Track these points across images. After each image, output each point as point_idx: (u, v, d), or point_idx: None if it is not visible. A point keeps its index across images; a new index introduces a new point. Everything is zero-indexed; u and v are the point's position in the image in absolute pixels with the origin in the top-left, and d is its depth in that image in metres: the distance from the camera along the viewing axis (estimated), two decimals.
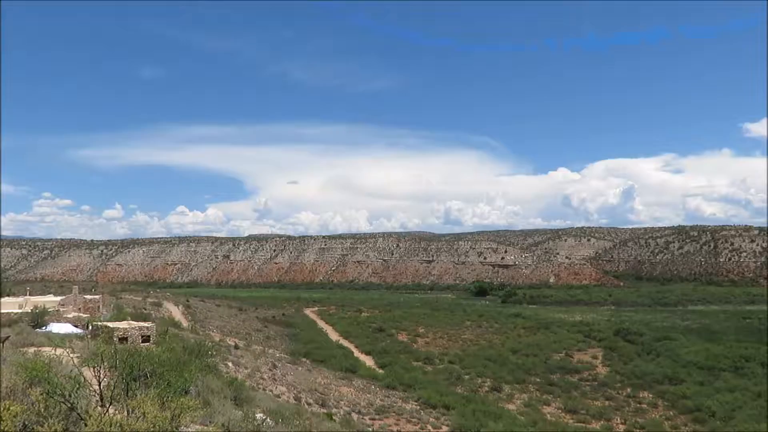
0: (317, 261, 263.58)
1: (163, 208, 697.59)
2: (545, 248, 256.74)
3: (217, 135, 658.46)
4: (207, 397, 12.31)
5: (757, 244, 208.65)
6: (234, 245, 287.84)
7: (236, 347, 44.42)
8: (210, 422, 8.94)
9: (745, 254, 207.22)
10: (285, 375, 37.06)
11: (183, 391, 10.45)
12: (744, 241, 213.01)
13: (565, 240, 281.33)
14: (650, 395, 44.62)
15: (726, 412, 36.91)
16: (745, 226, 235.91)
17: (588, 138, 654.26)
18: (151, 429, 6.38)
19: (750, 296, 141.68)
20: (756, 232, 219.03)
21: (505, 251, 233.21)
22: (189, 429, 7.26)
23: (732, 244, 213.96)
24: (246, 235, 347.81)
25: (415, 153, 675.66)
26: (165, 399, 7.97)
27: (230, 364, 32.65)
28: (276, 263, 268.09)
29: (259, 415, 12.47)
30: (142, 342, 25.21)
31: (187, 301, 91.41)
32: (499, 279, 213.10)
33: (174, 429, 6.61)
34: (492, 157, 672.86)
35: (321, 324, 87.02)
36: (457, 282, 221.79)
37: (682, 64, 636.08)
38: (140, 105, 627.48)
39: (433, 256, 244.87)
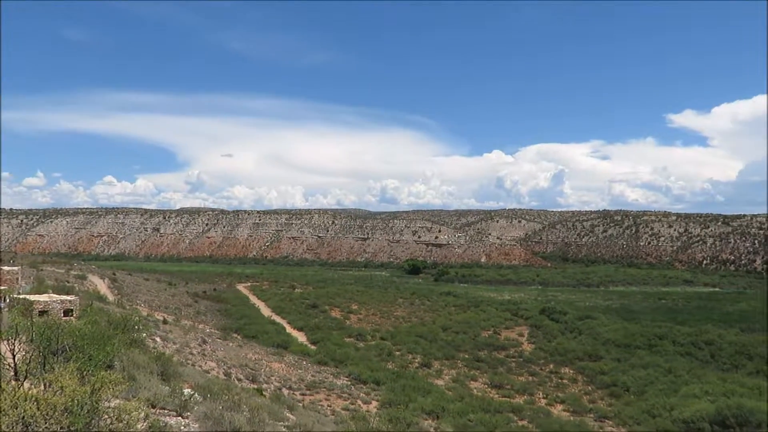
0: (251, 236, 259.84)
1: (89, 178, 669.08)
2: (478, 229, 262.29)
3: (149, 103, 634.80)
4: (132, 371, 11.98)
5: (674, 230, 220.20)
6: (164, 218, 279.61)
7: (165, 322, 43.41)
8: (133, 397, 8.71)
9: (663, 239, 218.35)
10: (215, 350, 36.56)
11: (106, 366, 10.14)
12: (663, 226, 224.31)
13: (497, 221, 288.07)
14: (571, 371, 46.57)
15: (639, 387, 39.02)
16: (664, 212, 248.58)
17: (522, 122, 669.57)
18: (69, 403, 6.15)
19: (666, 278, 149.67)
20: (674, 218, 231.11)
21: (439, 231, 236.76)
22: (110, 404, 7.05)
23: (652, 228, 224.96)
24: (177, 207, 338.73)
25: (353, 130, 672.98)
26: (85, 373, 7.71)
27: (158, 339, 31.90)
28: (208, 237, 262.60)
29: (186, 391, 12.24)
30: (64, 316, 24.26)
31: (114, 274, 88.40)
32: (432, 258, 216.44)
33: (93, 403, 6.40)
34: (429, 138, 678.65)
35: (253, 300, 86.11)
36: (392, 260, 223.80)
37: (612, 56, 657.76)
38: (65, 68, 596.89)
39: (368, 233, 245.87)
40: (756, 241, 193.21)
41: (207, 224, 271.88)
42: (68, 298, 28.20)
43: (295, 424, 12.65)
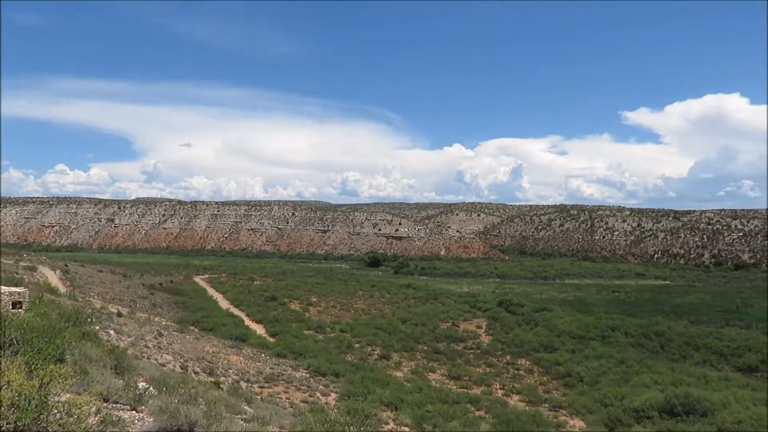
0: (209, 227, 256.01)
1: (40, 166, 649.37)
2: (438, 222, 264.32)
3: (104, 90, 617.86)
4: (84, 365, 11.66)
5: (628, 224, 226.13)
6: (119, 208, 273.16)
7: (119, 315, 42.43)
8: (85, 391, 8.48)
9: (617, 233, 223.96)
10: (171, 343, 35.94)
11: (56, 360, 9.84)
12: (617, 220, 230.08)
13: (457, 214, 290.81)
14: (527, 362, 47.40)
15: (592, 377, 39.99)
16: (618, 206, 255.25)
17: (482, 117, 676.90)
18: (16, 398, 5.95)
19: (619, 272, 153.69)
20: (627, 212, 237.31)
21: (400, 223, 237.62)
22: (60, 398, 6.85)
23: (606, 223, 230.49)
24: (133, 198, 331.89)
25: (314, 122, 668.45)
26: (33, 367, 7.46)
27: (112, 332, 31.16)
28: (165, 228, 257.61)
29: (141, 384, 11.99)
30: (12, 308, 23.45)
31: (66, 265, 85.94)
32: (392, 250, 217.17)
33: (42, 398, 6.20)
34: (391, 130, 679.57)
35: (211, 292, 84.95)
36: (352, 252, 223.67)
37: (570, 53, 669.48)
38: (15, 53, 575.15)
39: (328, 226, 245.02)
40: (705, 236, 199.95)
41: (164, 215, 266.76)
42: (17, 289, 27.19)
43: (253, 416, 12.53)
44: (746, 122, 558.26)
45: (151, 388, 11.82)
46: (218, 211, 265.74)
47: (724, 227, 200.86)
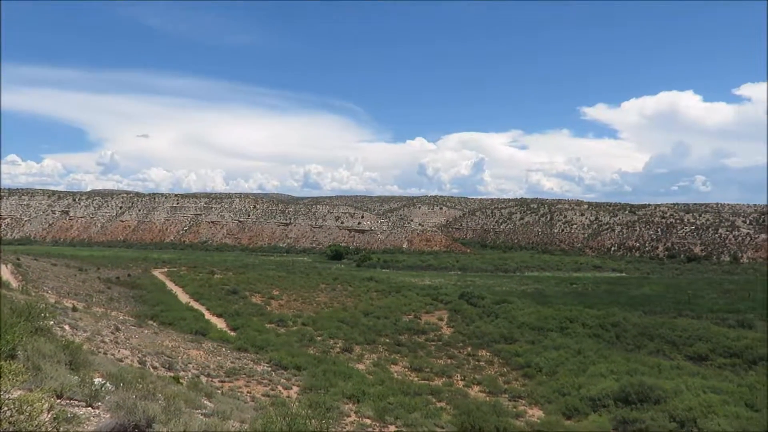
0: (168, 220, 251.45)
1: None
2: (400, 215, 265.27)
3: (58, 79, 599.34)
4: (37, 361, 11.34)
5: (586, 218, 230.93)
6: (74, 200, 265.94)
7: (74, 309, 41.37)
8: (37, 387, 8.26)
9: (575, 226, 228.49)
10: (129, 338, 35.22)
11: (8, 356, 9.55)
12: (575, 214, 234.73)
13: (419, 207, 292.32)
14: (488, 353, 47.99)
15: (551, 368, 40.75)
16: (577, 200, 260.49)
17: (445, 110, 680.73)
18: None
19: (577, 264, 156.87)
20: (585, 206, 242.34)
21: (362, 216, 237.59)
22: (11, 395, 6.65)
23: (565, 216, 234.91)
24: (88, 189, 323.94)
25: (275, 113, 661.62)
26: None
27: (67, 327, 30.37)
28: (122, 221, 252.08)
29: (97, 380, 11.72)
30: None
31: (18, 259, 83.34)
32: (355, 243, 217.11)
33: None
34: (353, 123, 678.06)
35: (170, 285, 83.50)
36: (314, 245, 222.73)
37: (531, 49, 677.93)
38: None
39: (290, 218, 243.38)
40: (659, 230, 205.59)
41: (121, 207, 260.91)
42: None
43: (214, 411, 12.39)
44: (699, 119, 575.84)
45: (108, 384, 11.58)
46: (177, 203, 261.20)
47: (678, 221, 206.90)
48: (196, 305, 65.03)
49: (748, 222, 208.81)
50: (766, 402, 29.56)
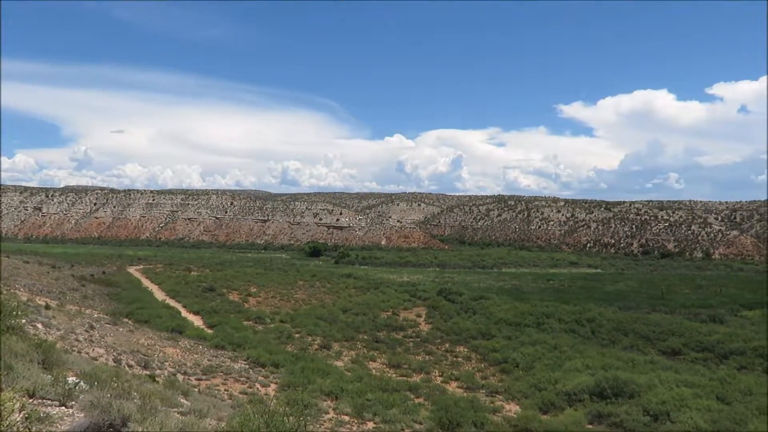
0: (144, 217, 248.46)
1: None
2: (378, 211, 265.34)
3: (31, 73, 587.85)
4: (9, 360, 11.14)
5: (562, 214, 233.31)
6: (47, 196, 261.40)
7: (47, 307, 40.69)
8: (9, 387, 8.11)
9: (552, 223, 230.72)
10: (104, 336, 34.76)
11: None
12: (552, 211, 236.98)
13: (398, 204, 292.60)
14: (465, 349, 48.27)
15: (528, 363, 41.13)
16: (554, 197, 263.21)
17: (423, 107, 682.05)
18: None
19: (554, 260, 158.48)
20: (562, 203, 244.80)
21: (341, 213, 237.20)
22: None
23: (542, 213, 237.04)
24: (62, 186, 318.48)
25: (253, 109, 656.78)
26: None
27: (39, 325, 29.86)
28: (97, 218, 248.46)
29: (71, 379, 11.56)
30: None
31: None
32: (333, 240, 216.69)
33: None
34: (332, 120, 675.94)
35: (146, 283, 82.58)
36: (292, 242, 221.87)
37: (509, 47, 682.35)
38: None
39: (268, 215, 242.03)
40: (633, 226, 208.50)
41: (95, 204, 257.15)
42: None
43: (190, 409, 12.30)
44: (673, 118, 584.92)
45: (82, 383, 11.42)
46: (153, 200, 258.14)
47: (652, 218, 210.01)
48: (172, 303, 64.41)
49: (720, 219, 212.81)
50: (736, 395, 30.22)
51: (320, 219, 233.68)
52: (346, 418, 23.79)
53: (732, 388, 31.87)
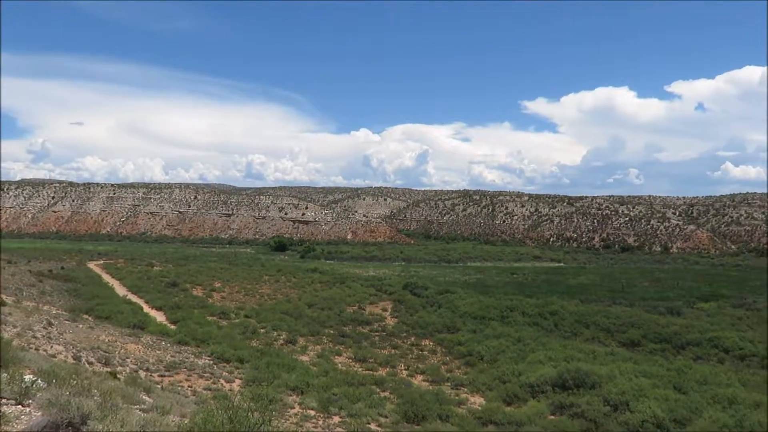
0: (104, 211, 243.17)
1: None
2: (344, 206, 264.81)
3: None
4: None
5: (526, 209, 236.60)
6: (3, 190, 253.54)
7: (3, 304, 39.53)
8: None
9: (516, 217, 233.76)
10: (63, 333, 33.95)
11: None
12: (516, 205, 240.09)
13: (364, 199, 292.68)
14: (431, 343, 48.58)
15: (492, 356, 41.61)
16: (518, 192, 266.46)
17: (389, 102, 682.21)
18: None
19: (518, 254, 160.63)
20: (526, 198, 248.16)
21: (306, 207, 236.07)
22: None
23: (506, 208, 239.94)
24: (18, 179, 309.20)
25: (217, 102, 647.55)
26: None
27: None
28: (55, 212, 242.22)
29: (28, 377, 11.29)
30: None
31: None
32: (299, 235, 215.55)
33: None
34: (297, 113, 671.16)
35: (107, 278, 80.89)
36: (257, 237, 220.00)
37: (475, 42, 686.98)
38: None
39: (232, 209, 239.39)
40: (595, 221, 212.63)
41: (53, 197, 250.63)
42: None
43: (152, 406, 12.11)
44: (633, 115, 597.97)
45: (40, 381, 11.16)
46: (114, 193, 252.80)
47: (613, 212, 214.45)
48: (134, 298, 63.27)
49: (677, 213, 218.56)
50: (692, 384, 31.14)
51: (286, 213, 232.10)
52: (312, 412, 23.75)
53: (688, 377, 32.83)
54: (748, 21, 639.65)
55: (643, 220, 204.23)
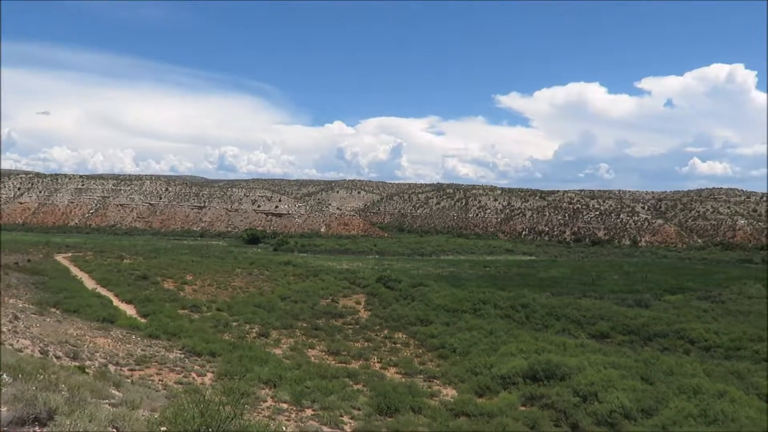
0: (73, 202, 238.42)
1: None
2: (318, 199, 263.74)
3: None
4: None
5: (499, 203, 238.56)
6: None
7: None
8: None
9: (489, 211, 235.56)
10: (29, 327, 33.29)
11: None
12: (489, 199, 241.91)
13: (338, 191, 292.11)
14: (404, 336, 48.80)
15: (464, 348, 41.95)
16: (491, 186, 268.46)
17: (364, 94, 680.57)
18: None
19: (491, 248, 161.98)
20: (499, 192, 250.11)
21: (279, 200, 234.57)
22: None
23: (479, 201, 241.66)
24: None
25: (190, 93, 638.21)
26: None
27: None
28: (21, 203, 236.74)
29: None
30: None
31: None
32: (272, 227, 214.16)
33: None
34: (271, 105, 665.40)
35: (75, 271, 79.46)
36: (230, 229, 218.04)
37: (450, 37, 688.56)
38: None
39: (204, 201, 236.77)
40: (566, 215, 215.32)
41: (19, 188, 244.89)
42: None
43: (122, 400, 11.96)
44: (604, 110, 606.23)
45: (5, 376, 10.94)
46: (83, 185, 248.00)
47: (583, 206, 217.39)
48: (103, 292, 62.29)
49: (646, 208, 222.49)
50: (659, 375, 31.81)
51: (258, 206, 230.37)
52: (285, 405, 23.70)
53: (655, 368, 33.54)
54: (717, 20, 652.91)
55: (612, 214, 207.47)
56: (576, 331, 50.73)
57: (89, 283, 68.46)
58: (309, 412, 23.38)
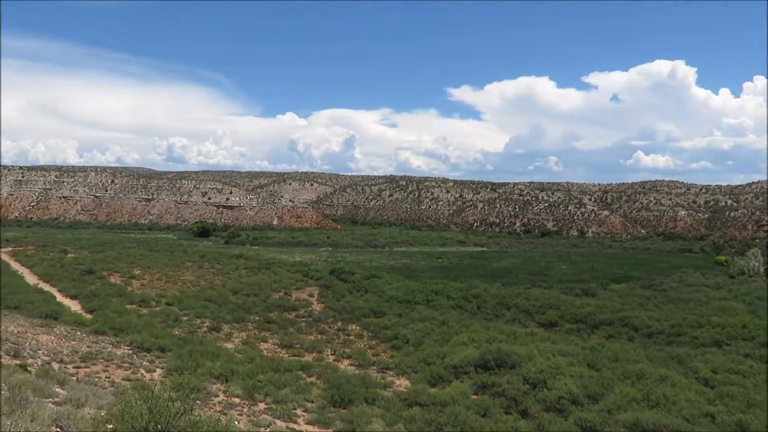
0: (12, 195, 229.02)
1: None
2: (270, 191, 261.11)
3: None
4: None
5: (451, 195, 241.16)
6: None
7: None
8: None
9: (441, 203, 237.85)
10: None
11: None
12: (441, 191, 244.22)
13: (290, 184, 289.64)
14: (357, 327, 48.89)
15: (417, 339, 42.35)
16: (443, 178, 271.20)
17: (316, 86, 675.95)
18: None
19: (443, 239, 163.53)
20: (451, 184, 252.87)
21: (231, 192, 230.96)
22: None
23: (432, 193, 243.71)
24: None
25: (137, 82, 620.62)
26: None
27: None
28: None
29: None
30: None
31: None
32: (223, 220, 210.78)
33: None
34: (222, 95, 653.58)
35: (15, 266, 76.51)
36: (179, 222, 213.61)
37: (401, 28, 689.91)
38: None
39: (153, 194, 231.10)
40: (517, 206, 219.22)
41: None
42: None
43: (66, 399, 11.61)
44: (553, 104, 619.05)
45: None
46: (23, 176, 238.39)
47: (533, 198, 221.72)
48: (46, 287, 60.22)
49: (593, 200, 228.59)
50: (605, 362, 32.84)
51: (209, 198, 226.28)
52: (237, 400, 23.46)
53: (601, 355, 34.62)
54: (660, 17, 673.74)
55: (561, 206, 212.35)
56: (526, 321, 51.81)
57: (31, 279, 66.06)
58: (262, 405, 23.21)
